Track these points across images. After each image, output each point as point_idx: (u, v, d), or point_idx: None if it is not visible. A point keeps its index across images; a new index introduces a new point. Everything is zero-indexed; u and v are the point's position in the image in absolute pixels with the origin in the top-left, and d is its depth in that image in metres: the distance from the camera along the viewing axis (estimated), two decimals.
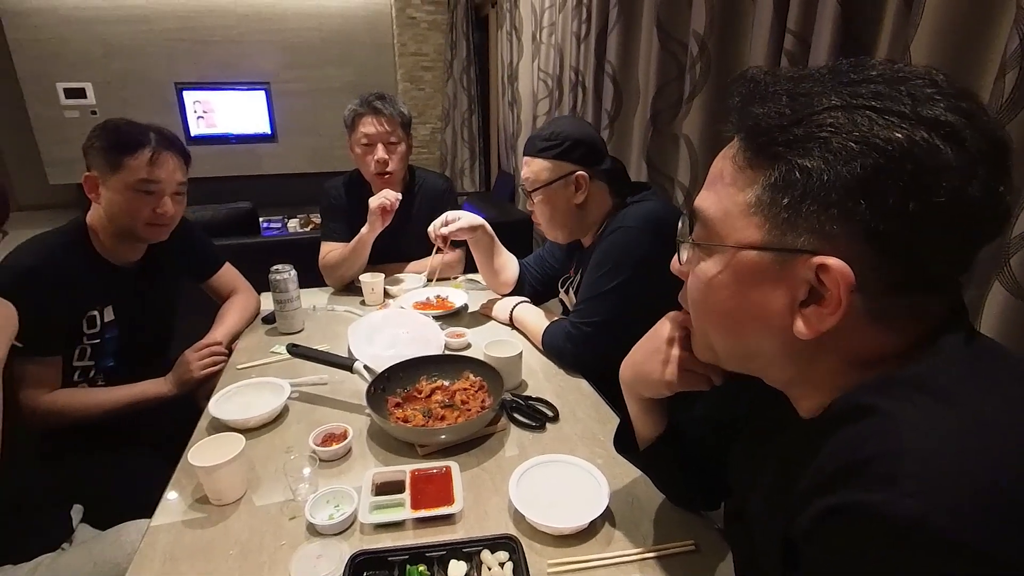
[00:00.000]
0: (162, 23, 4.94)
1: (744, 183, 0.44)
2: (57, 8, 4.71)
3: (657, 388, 0.65)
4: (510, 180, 3.72)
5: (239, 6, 5.05)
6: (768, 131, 0.42)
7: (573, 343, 1.19)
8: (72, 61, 4.86)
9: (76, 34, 4.80)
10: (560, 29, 2.58)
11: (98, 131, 1.18)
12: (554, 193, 1.22)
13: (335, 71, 5.43)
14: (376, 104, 1.58)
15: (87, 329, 1.20)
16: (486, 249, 1.49)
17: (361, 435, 0.98)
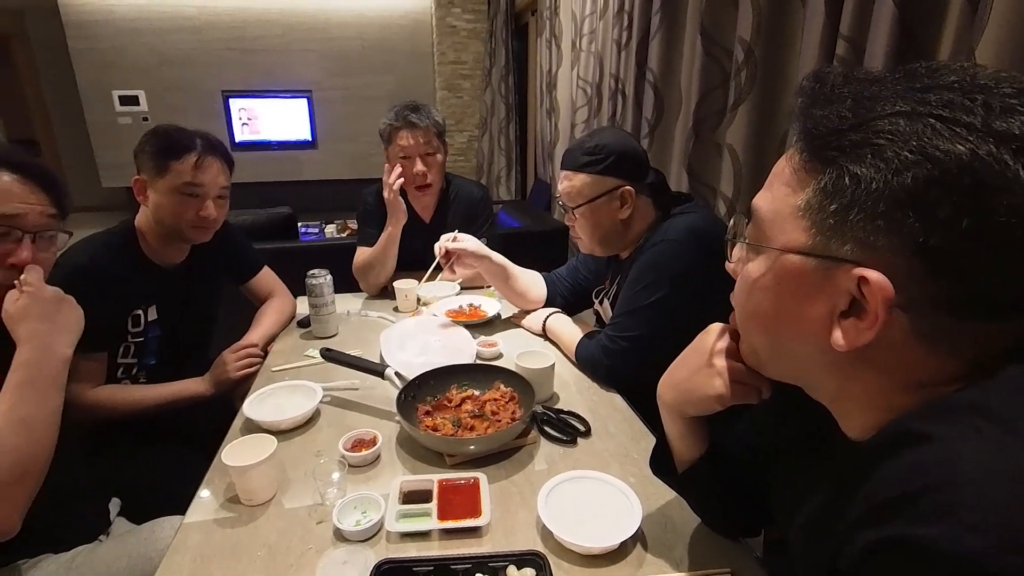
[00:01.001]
0: (212, 33, 5.19)
1: (797, 185, 0.44)
2: (115, 19, 5.02)
3: (707, 404, 0.62)
4: (546, 189, 3.73)
5: (285, 16, 5.27)
6: (825, 134, 0.42)
7: (608, 357, 1.18)
8: (127, 70, 5.16)
9: (132, 44, 5.10)
10: (600, 36, 2.58)
11: (148, 136, 1.25)
12: (598, 209, 1.19)
13: (375, 79, 5.58)
14: (411, 117, 1.60)
15: (132, 327, 1.26)
16: (500, 277, 1.47)
17: (390, 442, 0.99)
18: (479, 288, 1.74)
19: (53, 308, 0.87)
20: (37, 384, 0.81)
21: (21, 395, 0.79)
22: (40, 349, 0.83)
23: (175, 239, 1.30)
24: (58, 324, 0.86)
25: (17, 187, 0.85)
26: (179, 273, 1.35)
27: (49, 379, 0.82)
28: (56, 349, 0.85)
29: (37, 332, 0.83)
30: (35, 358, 0.82)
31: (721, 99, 1.70)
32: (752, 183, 1.58)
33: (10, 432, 0.76)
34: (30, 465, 0.78)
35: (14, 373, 0.80)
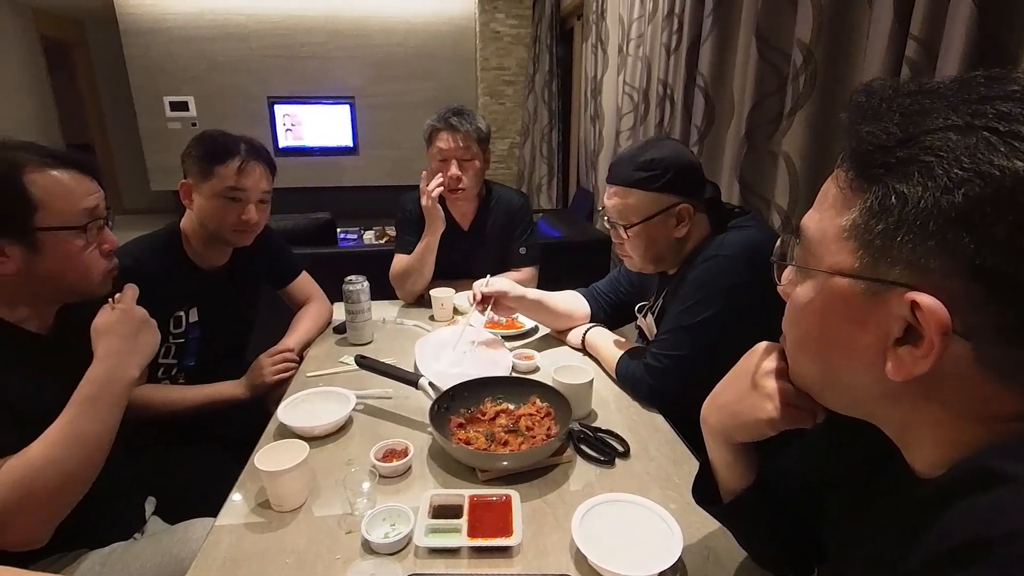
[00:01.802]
0: (259, 40, 5.45)
1: (844, 206, 0.43)
2: (169, 27, 5.34)
3: (756, 428, 0.60)
4: (588, 198, 3.71)
5: (330, 23, 5.48)
6: (870, 152, 0.41)
7: (651, 375, 1.16)
8: (178, 76, 5.47)
9: (183, 51, 5.41)
10: (649, 40, 2.57)
11: (195, 141, 1.32)
12: (653, 228, 1.16)
13: (417, 86, 5.73)
14: (452, 120, 1.64)
15: (173, 328, 1.32)
16: (541, 311, 1.45)
17: (422, 453, 1.00)
18: None
19: (135, 329, 0.93)
20: (100, 402, 0.86)
21: (83, 410, 0.84)
22: (112, 368, 0.88)
23: (217, 242, 1.36)
24: (135, 346, 0.92)
25: (80, 181, 0.91)
26: (221, 276, 1.41)
27: (112, 399, 0.87)
28: (126, 371, 0.89)
29: (113, 351, 0.89)
30: (105, 376, 0.87)
31: (777, 105, 1.66)
32: (809, 195, 1.53)
33: (64, 446, 0.81)
34: (73, 482, 0.83)
35: (83, 387, 0.85)
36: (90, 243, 0.93)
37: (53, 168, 0.88)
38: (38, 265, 0.87)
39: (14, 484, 0.77)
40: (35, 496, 0.78)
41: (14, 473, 0.77)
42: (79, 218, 0.90)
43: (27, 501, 0.77)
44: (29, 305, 0.92)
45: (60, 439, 0.81)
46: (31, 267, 0.87)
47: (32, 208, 0.85)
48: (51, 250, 0.88)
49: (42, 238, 0.87)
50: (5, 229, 0.84)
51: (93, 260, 0.94)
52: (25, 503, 0.77)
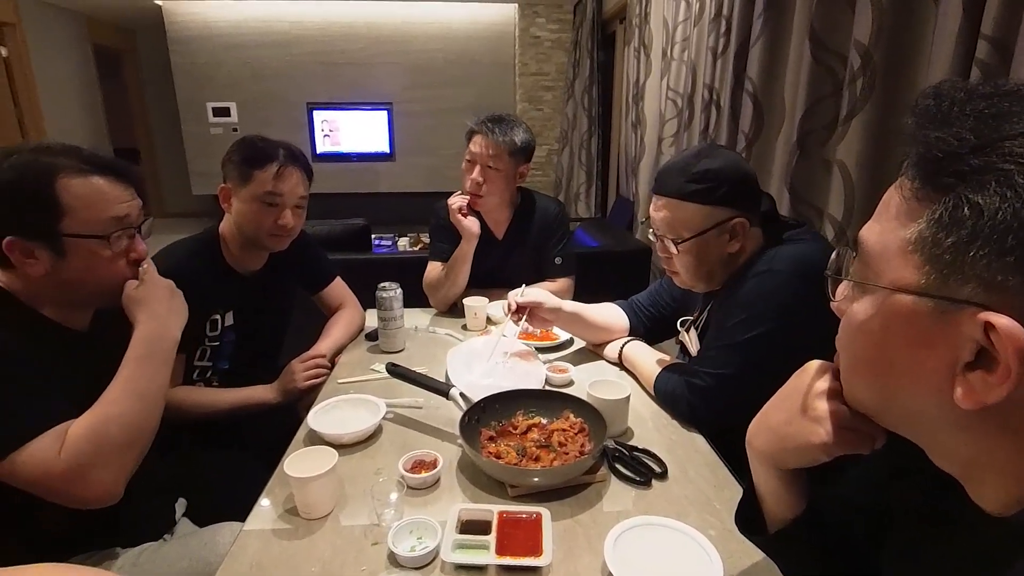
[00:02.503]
0: (301, 47, 5.66)
1: (908, 217, 0.41)
2: (213, 35, 5.59)
3: (808, 453, 0.58)
4: (628, 206, 3.68)
5: (371, 30, 5.64)
6: (940, 159, 0.39)
7: (692, 393, 1.13)
8: (222, 82, 5.73)
9: (227, 58, 5.66)
10: (694, 44, 2.54)
11: (235, 146, 1.37)
12: (705, 243, 1.13)
13: (455, 91, 5.82)
14: (488, 125, 1.65)
15: (209, 331, 1.37)
16: (578, 324, 1.44)
17: (451, 466, 1.00)
18: None
19: (166, 295, 1.02)
20: (153, 359, 0.94)
21: (139, 367, 0.92)
22: (157, 328, 0.97)
23: (254, 246, 1.40)
24: (171, 308, 1.01)
25: (115, 188, 0.95)
26: (257, 280, 1.46)
27: (162, 355, 0.96)
28: (170, 330, 0.99)
29: (155, 313, 0.98)
30: (153, 335, 0.96)
31: (831, 110, 1.62)
32: (866, 206, 1.48)
33: (127, 401, 0.89)
34: (140, 434, 0.90)
35: (134, 348, 0.94)
36: (116, 253, 0.96)
37: (91, 174, 0.92)
38: (63, 269, 0.91)
39: (86, 439, 0.83)
40: (105, 449, 0.85)
41: (83, 429, 0.84)
42: (105, 227, 0.93)
43: (99, 454, 0.84)
44: (64, 305, 0.97)
45: (120, 396, 0.89)
46: (57, 271, 0.91)
47: (59, 213, 0.89)
48: (75, 256, 0.92)
49: (67, 244, 0.91)
50: (33, 232, 0.89)
51: (117, 269, 0.97)
52: (97, 456, 0.84)
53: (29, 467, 0.80)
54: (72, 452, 0.82)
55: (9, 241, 0.87)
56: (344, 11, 5.55)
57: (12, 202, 0.87)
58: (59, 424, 0.84)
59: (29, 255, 0.89)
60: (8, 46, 5.00)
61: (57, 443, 0.82)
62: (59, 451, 0.82)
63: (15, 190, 0.87)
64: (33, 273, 0.90)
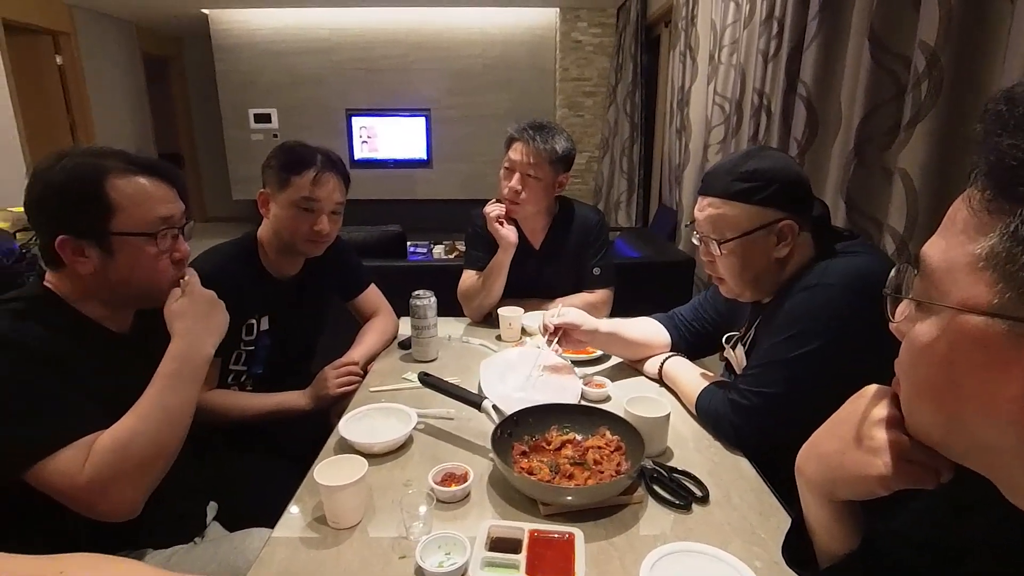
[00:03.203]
0: (341, 53, 5.83)
1: (978, 231, 0.39)
2: (257, 42, 5.82)
3: (864, 486, 0.55)
4: (671, 216, 3.64)
5: (410, 36, 5.77)
6: (1014, 168, 0.37)
7: (736, 413, 1.10)
8: (263, 89, 5.95)
9: (269, 65, 5.88)
10: (744, 47, 2.51)
11: (275, 151, 1.42)
12: (751, 245, 1.11)
13: (494, 97, 5.89)
14: (529, 132, 1.66)
15: (245, 336, 1.41)
16: (616, 344, 1.43)
17: (482, 480, 1.00)
18: None
19: (207, 309, 1.05)
20: (183, 376, 0.97)
21: (168, 384, 0.95)
22: (190, 345, 0.99)
23: (290, 252, 1.45)
24: (209, 325, 1.04)
25: (159, 189, 1.00)
26: (293, 286, 1.50)
27: (193, 373, 0.98)
28: (203, 347, 1.01)
29: (191, 329, 1.00)
30: (185, 353, 0.98)
31: (893, 115, 1.56)
32: (931, 218, 1.42)
33: (152, 418, 0.91)
34: (163, 452, 0.92)
35: (166, 363, 0.96)
36: (161, 251, 1.00)
37: (137, 175, 0.97)
38: (111, 268, 0.96)
39: (110, 454, 0.86)
40: (128, 465, 0.87)
41: (108, 443, 0.87)
42: (152, 225, 0.98)
43: (122, 470, 0.87)
44: (108, 306, 1.01)
45: (148, 411, 0.91)
46: (105, 269, 0.96)
47: (110, 212, 0.94)
48: (123, 254, 0.96)
49: (116, 242, 0.95)
50: (84, 230, 0.94)
51: (163, 268, 1.02)
52: (120, 471, 0.86)
53: (55, 477, 0.83)
54: (96, 466, 0.85)
55: (62, 239, 0.92)
56: (384, 17, 5.70)
57: (64, 202, 0.92)
58: (88, 435, 0.87)
59: (79, 253, 0.93)
60: (63, 54, 5.33)
61: (83, 455, 0.85)
62: (84, 463, 0.84)
63: (67, 191, 0.92)
64: (82, 271, 0.94)
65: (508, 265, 1.70)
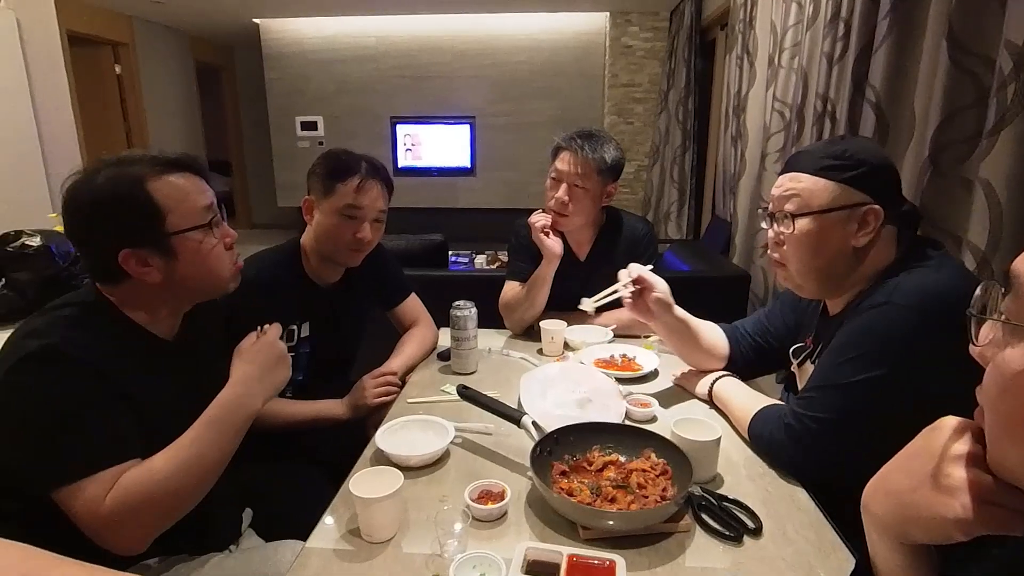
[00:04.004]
0: (387, 61, 6.00)
1: None
2: (305, 51, 6.06)
3: (940, 529, 0.51)
4: (724, 228, 3.56)
5: (456, 43, 5.89)
6: None
7: (792, 439, 1.06)
8: (310, 97, 6.18)
9: (316, 73, 6.10)
10: (806, 49, 2.45)
11: (320, 159, 1.46)
12: (829, 226, 1.06)
13: (540, 104, 5.93)
14: (577, 142, 1.66)
15: (286, 342, 1.45)
16: (681, 334, 1.37)
17: (519, 499, 1.00)
18: (635, 337, 1.70)
19: (273, 363, 1.05)
20: (224, 426, 0.97)
21: (208, 432, 0.96)
22: (241, 396, 1.00)
23: (330, 260, 1.48)
24: (265, 380, 1.04)
25: (191, 181, 1.02)
26: (334, 293, 1.54)
27: (234, 426, 0.99)
28: (253, 402, 1.01)
29: (249, 378, 1.01)
30: (234, 402, 0.99)
31: (974, 122, 1.49)
32: (1017, 232, 1.34)
33: (184, 465, 0.92)
34: (187, 502, 0.93)
35: (212, 409, 0.97)
36: (216, 240, 1.03)
37: (168, 174, 0.99)
38: (175, 270, 0.99)
39: (135, 495, 0.87)
40: (149, 509, 0.89)
41: (135, 483, 0.88)
42: (202, 216, 1.01)
43: (142, 512, 0.88)
44: (164, 312, 1.05)
45: (180, 458, 0.92)
46: (170, 273, 0.99)
47: (161, 215, 0.96)
48: (184, 252, 0.99)
49: (175, 242, 0.98)
50: (144, 239, 0.96)
51: (220, 255, 1.05)
52: (140, 513, 0.88)
53: (76, 503, 0.85)
54: (118, 502, 0.86)
55: (125, 254, 0.94)
56: (430, 25, 5.83)
57: (117, 214, 0.94)
58: (119, 465, 0.88)
59: (144, 263, 0.96)
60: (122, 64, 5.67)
61: (108, 486, 0.86)
62: (107, 496, 0.86)
63: (116, 203, 0.94)
64: (150, 281, 0.97)
65: (552, 277, 1.69)
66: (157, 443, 0.93)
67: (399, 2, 5.34)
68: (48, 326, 0.92)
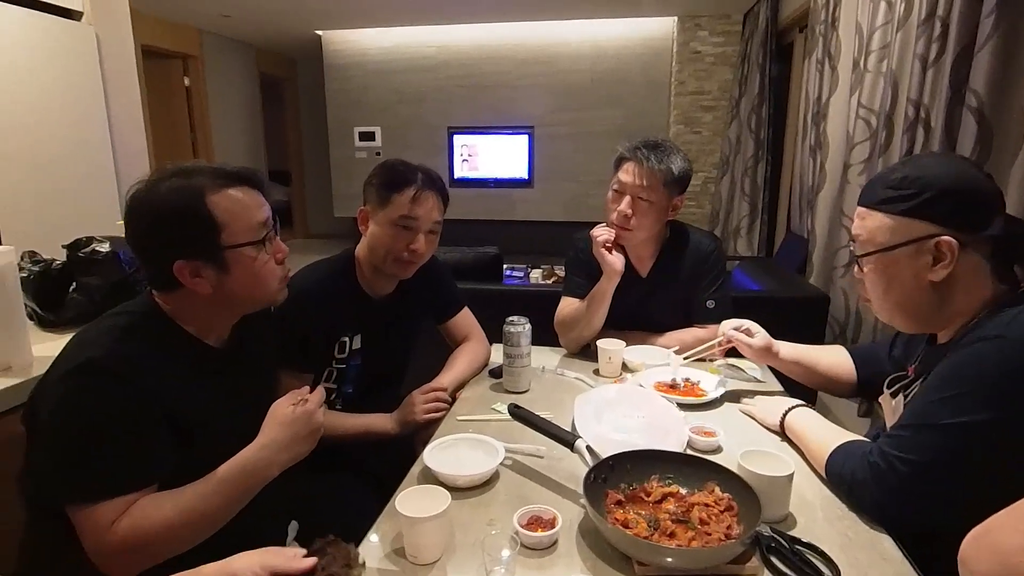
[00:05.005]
0: (446, 71, 6.16)
1: None
2: (366, 62, 6.29)
3: None
4: (801, 245, 3.44)
5: (518, 51, 5.98)
6: None
7: (877, 480, 0.99)
8: (369, 108, 6.40)
9: (376, 84, 6.32)
10: (897, 51, 2.35)
11: (377, 169, 1.51)
12: (894, 263, 1.02)
13: (602, 113, 5.93)
14: (642, 152, 1.63)
15: (337, 353, 1.50)
16: (798, 374, 1.44)
17: (571, 527, 0.98)
18: (700, 360, 1.65)
19: (304, 434, 1.06)
20: (238, 488, 0.99)
21: (217, 489, 0.97)
22: (262, 460, 1.01)
23: (383, 271, 1.52)
24: (292, 450, 1.05)
25: (249, 195, 1.07)
26: (386, 305, 1.58)
27: (245, 489, 1.00)
28: (271, 468, 1.03)
29: (276, 444, 1.02)
30: (253, 466, 1.00)
31: None
32: None
33: (187, 517, 0.94)
34: (179, 546, 0.95)
35: (231, 464, 0.98)
36: (268, 256, 1.08)
37: (227, 187, 1.03)
38: (226, 283, 1.03)
39: (140, 526, 0.90)
40: (149, 543, 0.91)
41: (143, 515, 0.91)
42: (257, 232, 1.05)
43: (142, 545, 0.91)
44: (213, 321, 1.10)
45: (189, 508, 0.94)
46: (220, 286, 1.03)
47: (218, 229, 1.01)
48: (236, 267, 1.04)
49: (228, 256, 1.02)
50: (199, 252, 1.01)
51: (271, 270, 1.09)
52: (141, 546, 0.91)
53: (86, 523, 0.89)
54: (125, 533, 0.89)
55: (180, 264, 0.99)
56: (491, 33, 5.95)
57: (175, 225, 0.99)
58: (136, 492, 0.92)
59: (196, 275, 1.01)
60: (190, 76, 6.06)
61: (120, 511, 0.90)
62: (116, 521, 0.89)
63: (175, 214, 0.99)
64: (201, 291, 1.02)
65: (611, 294, 1.67)
66: (200, 452, 0.97)
67: (461, 11, 5.48)
68: (99, 335, 0.97)
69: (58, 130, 2.93)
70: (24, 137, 2.79)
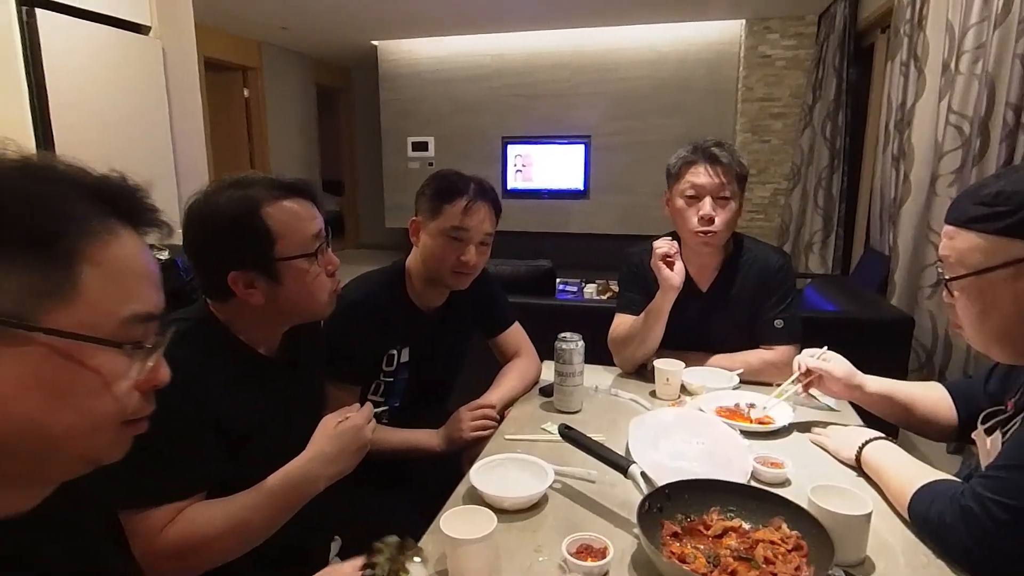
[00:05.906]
0: (501, 79, 6.24)
1: None
2: (420, 71, 6.45)
3: None
4: (882, 263, 3.29)
5: (575, 59, 6.01)
6: None
7: (969, 525, 0.93)
8: (423, 117, 6.56)
9: (430, 93, 6.47)
10: (993, 52, 2.24)
11: (429, 180, 1.53)
12: (989, 287, 0.97)
13: (662, 122, 5.87)
14: (713, 150, 1.61)
15: (385, 366, 1.52)
16: (885, 410, 1.36)
17: (623, 559, 0.96)
18: (766, 384, 1.59)
19: (351, 449, 1.08)
20: (280, 500, 1.02)
21: (263, 502, 1.00)
22: (310, 472, 1.04)
23: (435, 283, 1.54)
24: (339, 464, 1.07)
25: (303, 207, 1.10)
26: (436, 318, 1.59)
27: (291, 502, 1.03)
28: (318, 482, 1.05)
29: (324, 457, 1.05)
30: (300, 479, 1.03)
31: None
32: None
33: (233, 524, 0.97)
34: (224, 556, 0.98)
35: (279, 475, 1.01)
36: (320, 268, 1.12)
37: (282, 199, 1.08)
38: (278, 294, 1.07)
39: (188, 533, 0.94)
40: (196, 551, 0.95)
41: (191, 522, 0.95)
42: (310, 245, 1.09)
43: (191, 552, 0.94)
44: (264, 331, 1.14)
45: (236, 518, 0.97)
46: (272, 297, 1.07)
47: (272, 240, 1.05)
48: (289, 279, 1.07)
49: (281, 268, 1.06)
50: (253, 263, 1.05)
51: (322, 283, 1.13)
52: (191, 552, 0.94)
53: (136, 528, 0.92)
54: (173, 539, 0.92)
55: (233, 275, 1.04)
56: (547, 41, 6.00)
57: (230, 236, 1.04)
58: (187, 500, 0.96)
59: (250, 285, 1.06)
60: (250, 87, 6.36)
61: (170, 518, 0.93)
62: (165, 528, 0.92)
63: (231, 225, 1.04)
64: (253, 302, 1.06)
65: (668, 311, 1.63)
66: (249, 460, 1.01)
67: (516, 19, 5.56)
68: None
69: (124, 140, 3.13)
70: (93, 145, 2.98)
